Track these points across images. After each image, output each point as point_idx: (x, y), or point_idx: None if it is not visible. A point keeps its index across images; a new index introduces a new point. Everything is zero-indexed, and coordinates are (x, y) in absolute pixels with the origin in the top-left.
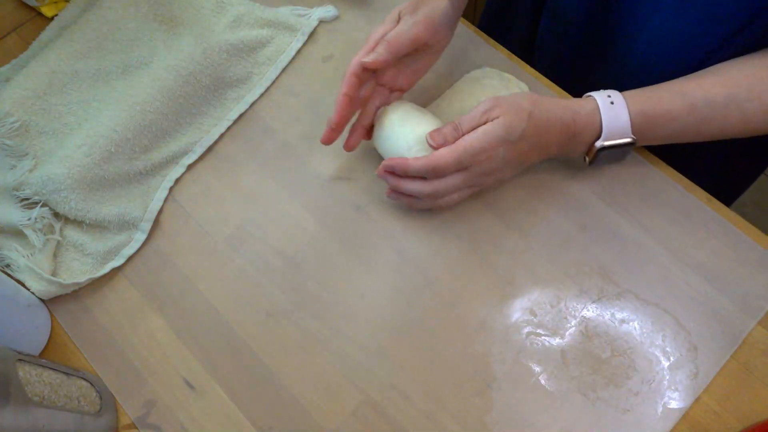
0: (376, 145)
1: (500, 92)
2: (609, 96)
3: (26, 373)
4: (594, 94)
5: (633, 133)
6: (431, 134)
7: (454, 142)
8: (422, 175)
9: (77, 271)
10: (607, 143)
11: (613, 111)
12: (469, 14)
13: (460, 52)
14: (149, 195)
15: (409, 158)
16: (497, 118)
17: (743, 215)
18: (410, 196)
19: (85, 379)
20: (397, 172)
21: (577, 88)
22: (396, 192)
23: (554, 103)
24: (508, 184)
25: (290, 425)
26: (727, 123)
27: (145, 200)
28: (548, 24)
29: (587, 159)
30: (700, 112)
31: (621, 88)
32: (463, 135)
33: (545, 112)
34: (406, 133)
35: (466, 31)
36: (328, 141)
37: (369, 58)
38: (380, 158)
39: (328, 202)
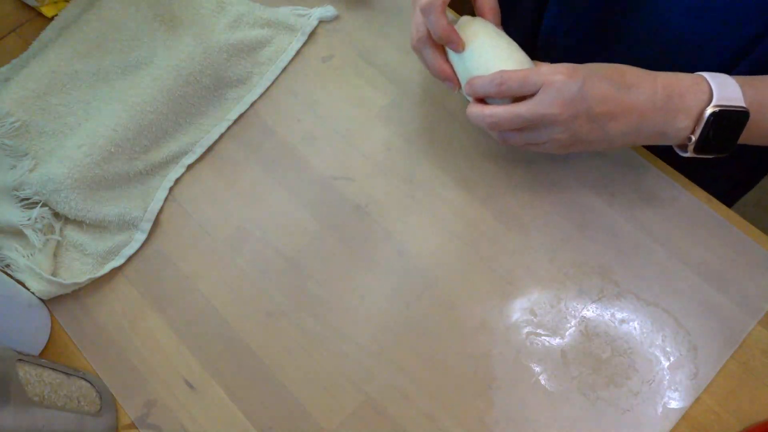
0: (460, 59)
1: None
2: (713, 73)
3: (26, 373)
4: None
5: (746, 103)
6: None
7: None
8: (488, 93)
9: (77, 271)
10: (719, 108)
11: (721, 79)
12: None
13: None
14: (149, 195)
15: (478, 76)
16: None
17: (743, 215)
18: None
19: (85, 379)
20: (468, 90)
21: None
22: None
23: (644, 70)
24: (508, 184)
25: (290, 425)
26: None
27: (145, 200)
28: (552, 25)
29: (693, 137)
30: None
31: None
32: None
33: (633, 68)
34: (496, 53)
35: None
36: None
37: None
38: (381, 156)
39: (328, 202)
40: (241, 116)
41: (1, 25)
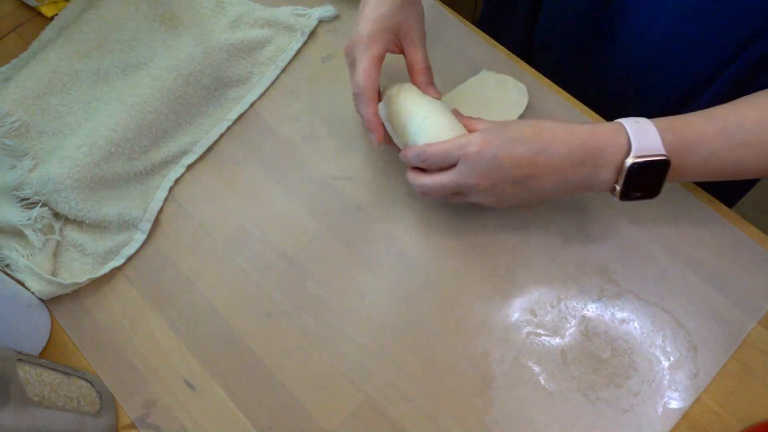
0: (390, 128)
1: (498, 99)
2: (633, 119)
3: (26, 373)
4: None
5: (666, 152)
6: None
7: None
8: (414, 165)
9: (77, 271)
10: (639, 159)
11: (639, 126)
12: (468, 12)
13: (460, 52)
14: (149, 195)
15: (407, 147)
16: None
17: (743, 215)
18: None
19: (85, 379)
20: (402, 159)
21: (578, 95)
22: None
23: (565, 122)
24: None
25: (290, 425)
26: (766, 149)
27: (145, 200)
28: (546, 26)
29: (617, 187)
30: (733, 136)
31: (626, 97)
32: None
33: (554, 123)
34: (422, 120)
35: (465, 30)
36: (381, 140)
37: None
38: (381, 156)
39: (328, 202)
40: (241, 116)
41: (1, 25)
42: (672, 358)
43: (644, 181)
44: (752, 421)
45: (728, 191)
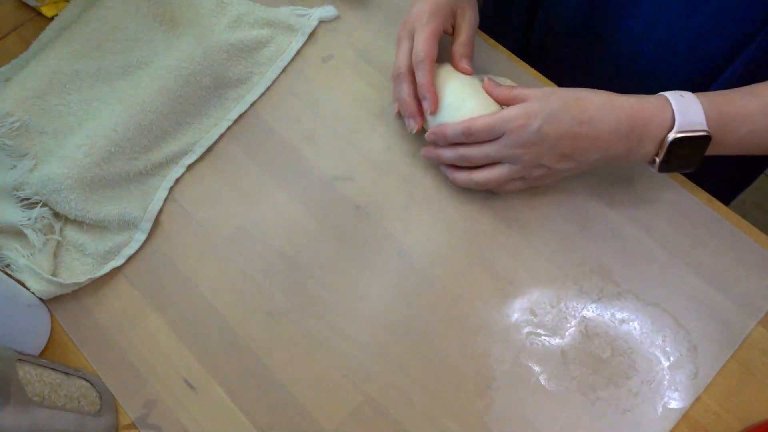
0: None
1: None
2: (678, 93)
3: (26, 373)
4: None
5: (708, 128)
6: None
7: (504, 93)
8: (459, 141)
9: (77, 271)
10: (681, 135)
11: (684, 101)
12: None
13: None
14: (149, 195)
15: (447, 124)
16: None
17: (743, 215)
18: (454, 168)
19: (85, 379)
20: (438, 138)
21: None
22: (440, 161)
23: (608, 93)
24: None
25: (290, 425)
26: None
27: (145, 200)
28: (546, 22)
29: (657, 160)
30: None
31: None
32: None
33: (599, 94)
34: (458, 95)
35: None
36: (421, 128)
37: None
38: (381, 156)
39: (328, 202)
40: (241, 116)
41: (1, 25)
42: (672, 358)
43: (684, 155)
44: (752, 421)
45: (725, 188)
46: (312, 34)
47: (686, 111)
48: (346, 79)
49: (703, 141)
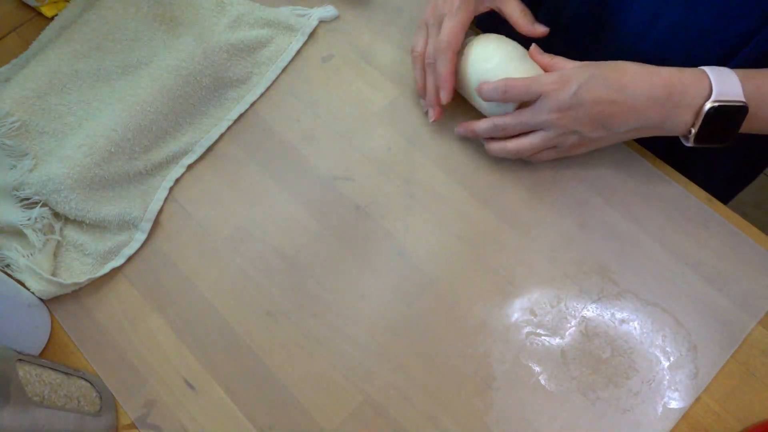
0: (468, 79)
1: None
2: (715, 67)
3: (26, 373)
4: None
5: (745, 99)
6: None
7: (546, 60)
8: (494, 99)
9: (77, 271)
10: (718, 104)
11: (721, 72)
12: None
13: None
14: (149, 195)
15: (486, 81)
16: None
17: (743, 215)
18: (490, 140)
19: (85, 379)
20: (480, 94)
21: None
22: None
23: (649, 65)
24: (509, 183)
25: (290, 425)
26: None
27: (145, 200)
28: (548, 19)
29: (693, 131)
30: None
31: None
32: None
33: (636, 64)
34: (506, 65)
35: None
36: (439, 117)
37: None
38: (381, 156)
39: (328, 202)
40: (241, 116)
41: (1, 25)
42: (672, 358)
43: (720, 126)
44: (752, 421)
45: (725, 186)
46: (312, 34)
47: (724, 82)
48: (346, 79)
49: (739, 112)
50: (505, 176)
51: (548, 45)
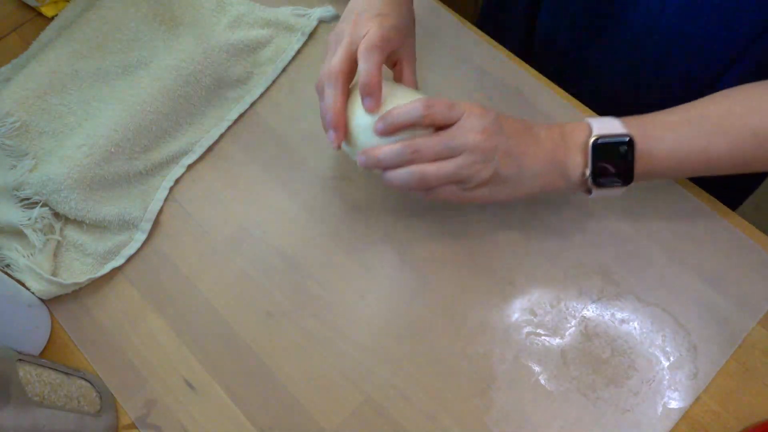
0: (355, 124)
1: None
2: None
3: (26, 373)
4: None
5: (628, 131)
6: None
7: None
8: (415, 119)
9: (77, 271)
10: (602, 139)
11: (601, 119)
12: (468, 12)
13: (460, 52)
14: (149, 195)
15: (402, 105)
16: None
17: (744, 217)
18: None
19: (85, 379)
20: (390, 122)
21: (579, 95)
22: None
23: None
24: None
25: (290, 425)
26: (735, 137)
27: (145, 200)
28: (548, 24)
29: (587, 171)
30: (699, 125)
31: (630, 96)
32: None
33: (516, 117)
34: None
35: (465, 30)
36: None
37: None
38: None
39: (328, 202)
40: (241, 116)
41: (1, 25)
42: (672, 358)
43: (612, 163)
44: (752, 421)
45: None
46: (312, 35)
47: (602, 120)
48: None
49: (627, 147)
50: None
51: (547, 52)
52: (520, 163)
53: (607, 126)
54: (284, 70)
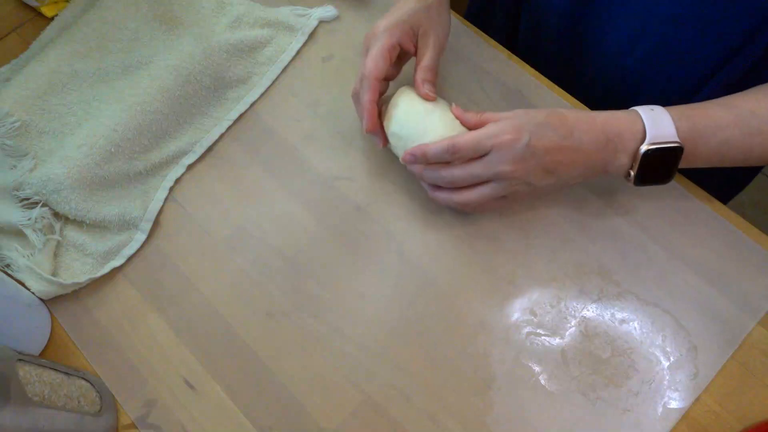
0: (391, 132)
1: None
2: (648, 107)
3: (26, 373)
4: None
5: (679, 139)
6: (456, 108)
7: (476, 119)
8: (442, 160)
9: (77, 271)
10: (653, 146)
11: (654, 114)
12: (462, 8)
13: (460, 52)
14: (149, 195)
15: (427, 144)
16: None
17: (743, 215)
18: (435, 187)
19: (85, 379)
20: (419, 159)
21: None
22: (424, 182)
23: (579, 110)
24: None
25: (290, 425)
26: None
27: (145, 200)
28: (528, 33)
29: (632, 173)
30: (748, 124)
31: (615, 106)
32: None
33: (571, 109)
34: (424, 119)
35: (465, 30)
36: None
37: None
38: (381, 156)
39: (328, 202)
40: (241, 116)
41: (1, 25)
42: (672, 358)
43: (658, 167)
44: (752, 421)
45: (723, 187)
46: (312, 34)
47: (657, 124)
48: (346, 79)
49: (675, 152)
50: None
51: (533, 56)
52: (558, 174)
53: (661, 130)
54: (284, 70)
